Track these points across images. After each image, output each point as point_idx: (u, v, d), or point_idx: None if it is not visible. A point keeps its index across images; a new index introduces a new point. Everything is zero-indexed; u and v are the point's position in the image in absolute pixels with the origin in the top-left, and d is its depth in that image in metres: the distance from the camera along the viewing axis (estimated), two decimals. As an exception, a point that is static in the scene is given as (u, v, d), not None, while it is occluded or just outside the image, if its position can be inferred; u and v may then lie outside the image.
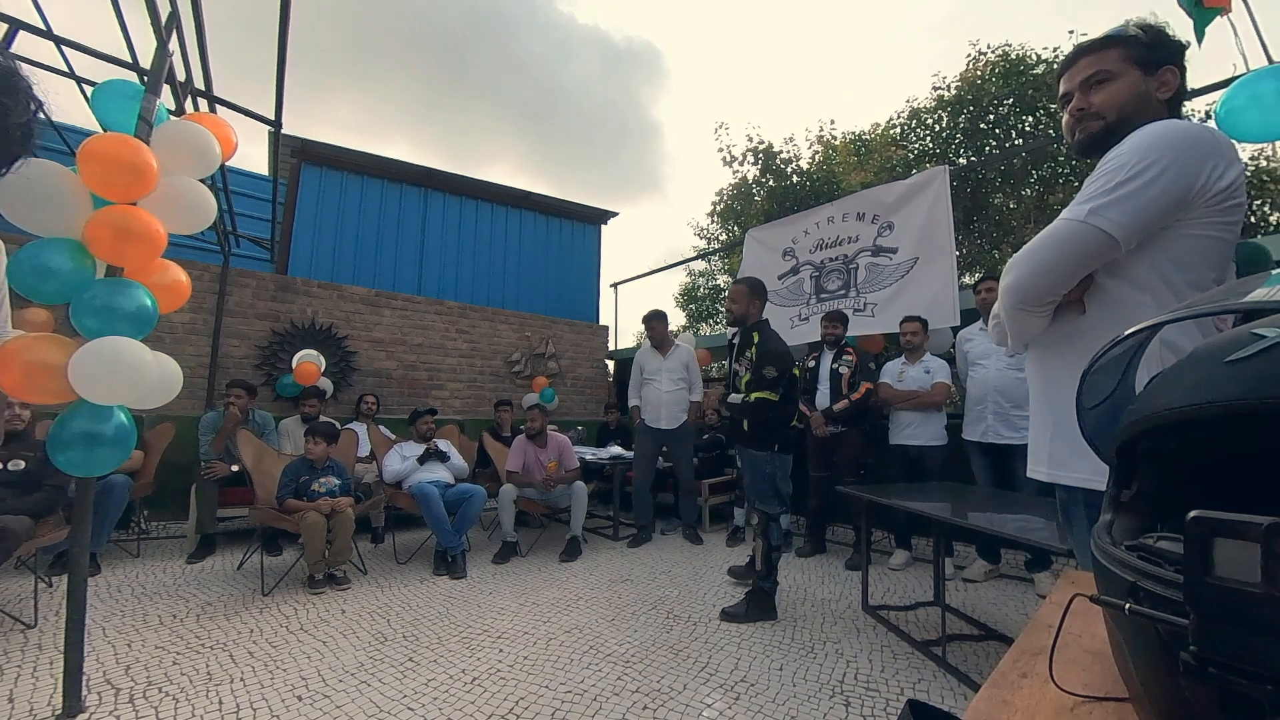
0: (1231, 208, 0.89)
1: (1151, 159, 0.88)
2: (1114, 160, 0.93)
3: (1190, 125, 0.92)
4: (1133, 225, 0.89)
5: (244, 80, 4.10)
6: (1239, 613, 0.29)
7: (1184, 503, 0.34)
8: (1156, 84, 0.98)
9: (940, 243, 3.89)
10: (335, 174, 5.97)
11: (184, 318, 4.36)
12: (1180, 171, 0.87)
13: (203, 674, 1.97)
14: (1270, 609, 0.28)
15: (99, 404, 1.67)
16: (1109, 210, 0.90)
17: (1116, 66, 1.00)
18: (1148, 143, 0.90)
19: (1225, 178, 0.87)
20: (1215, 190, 0.87)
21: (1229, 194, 0.88)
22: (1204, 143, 0.89)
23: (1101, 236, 0.90)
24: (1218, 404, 0.37)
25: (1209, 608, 0.30)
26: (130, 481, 3.19)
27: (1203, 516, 0.31)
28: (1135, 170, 0.89)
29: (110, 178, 1.70)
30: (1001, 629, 2.37)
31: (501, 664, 2.10)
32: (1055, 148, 8.98)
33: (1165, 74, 0.98)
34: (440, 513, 3.30)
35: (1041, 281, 0.98)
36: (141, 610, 2.55)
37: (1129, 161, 0.90)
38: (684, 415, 4.16)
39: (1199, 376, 0.40)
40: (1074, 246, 0.93)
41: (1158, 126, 0.92)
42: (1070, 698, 0.48)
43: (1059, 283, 0.97)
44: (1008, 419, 3.01)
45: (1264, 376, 0.35)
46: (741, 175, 12.49)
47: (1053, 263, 0.96)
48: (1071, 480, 0.99)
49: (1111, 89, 1.00)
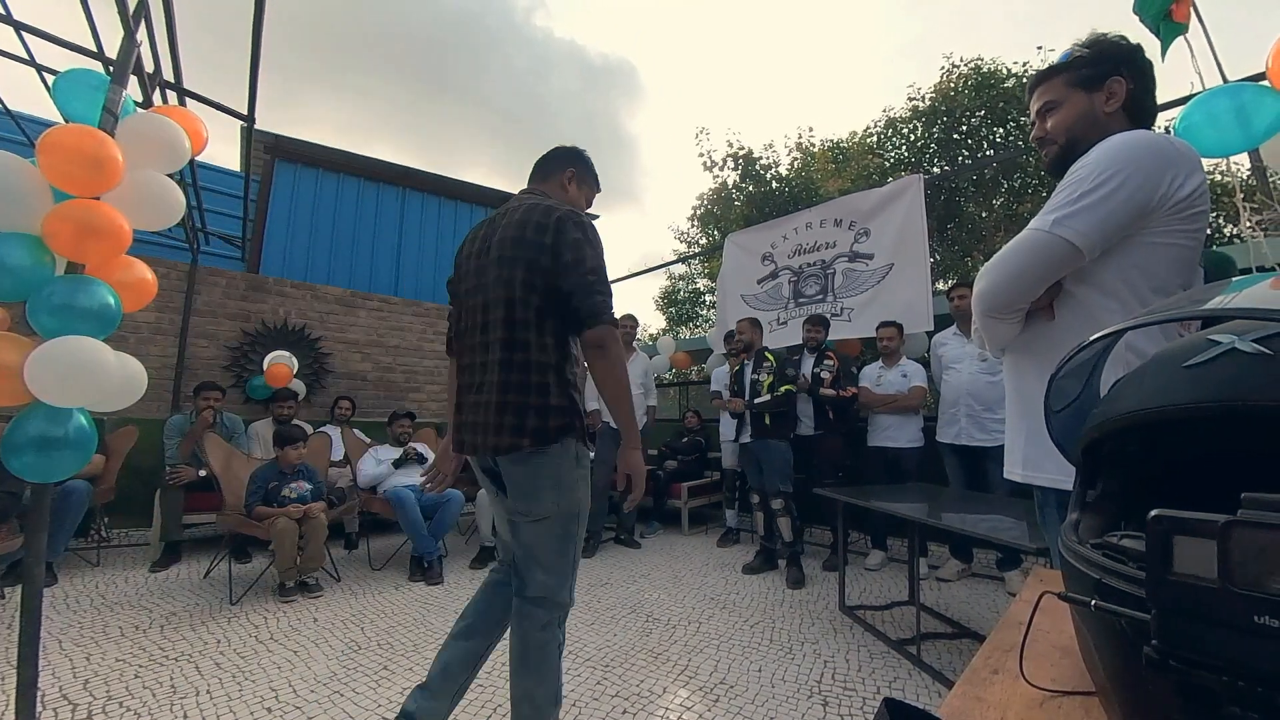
0: (1193, 216, 0.91)
1: (1113, 170, 0.91)
2: (1079, 172, 0.96)
3: (1152, 136, 0.94)
4: (1095, 235, 0.92)
5: (217, 79, 4.00)
6: (1197, 607, 0.30)
7: (1146, 502, 0.35)
8: (1104, 98, 1.02)
9: (915, 249, 3.97)
10: (310, 171, 5.85)
11: (149, 317, 4.21)
12: (1141, 182, 0.90)
13: (166, 687, 1.90)
14: (1226, 603, 0.29)
15: (56, 406, 1.60)
16: (1073, 220, 0.93)
17: (1060, 94, 1.06)
18: (1110, 154, 0.93)
19: (1185, 187, 0.90)
20: (1176, 199, 0.90)
21: (1190, 203, 0.90)
22: (1164, 154, 0.91)
23: (1066, 246, 0.94)
24: (1176, 407, 0.39)
25: (1169, 603, 0.31)
26: (90, 487, 3.07)
27: (1163, 515, 0.32)
28: (1098, 181, 0.92)
29: (71, 170, 1.64)
30: (974, 627, 2.42)
31: (479, 670, 2.06)
32: (1025, 159, 9.26)
33: (1111, 85, 1.01)
34: (416, 517, 3.25)
35: (1009, 289, 1.01)
36: (101, 621, 2.45)
37: (1092, 173, 0.93)
38: (644, 418, 4.18)
39: (1159, 381, 0.42)
40: (1040, 255, 0.96)
41: (1120, 138, 0.95)
42: (1040, 693, 0.49)
43: (1026, 291, 1.00)
44: (980, 421, 3.09)
45: (1219, 381, 0.37)
46: (721, 180, 12.61)
47: (1020, 271, 0.99)
48: (1043, 481, 1.02)
49: (1059, 115, 1.06)
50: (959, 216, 10.48)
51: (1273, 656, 0.28)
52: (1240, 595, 0.28)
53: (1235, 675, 0.29)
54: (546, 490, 1.28)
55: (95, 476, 3.26)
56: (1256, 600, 0.28)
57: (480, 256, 1.38)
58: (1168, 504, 0.32)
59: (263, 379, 4.34)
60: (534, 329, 1.29)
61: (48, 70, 2.78)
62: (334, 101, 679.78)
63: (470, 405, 1.35)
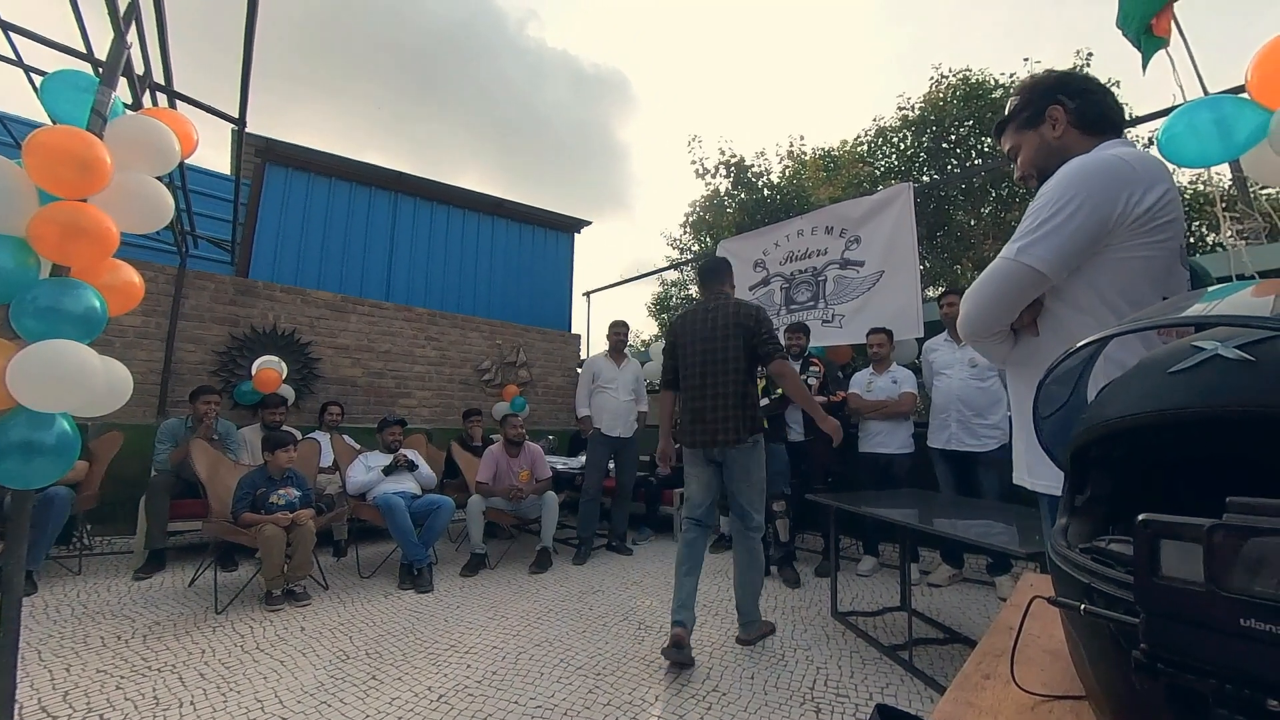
0: (1159, 227, 0.94)
1: (1069, 196, 0.96)
2: (1039, 200, 1.02)
3: (1104, 158, 0.98)
4: (1056, 259, 0.97)
5: (209, 83, 3.98)
6: (1185, 611, 0.30)
7: (1134, 506, 0.35)
8: (1049, 127, 1.10)
9: (905, 257, 4.01)
10: (301, 175, 5.81)
11: (136, 321, 4.16)
12: (1095, 205, 0.94)
13: (149, 699, 1.86)
14: (1213, 606, 0.29)
15: (39, 411, 1.57)
16: (1034, 248, 0.99)
17: (1014, 140, 1.17)
18: (1064, 182, 0.98)
19: (1144, 202, 0.93)
20: (1135, 215, 0.93)
21: (1151, 216, 0.93)
22: (1117, 174, 0.95)
23: (1030, 272, 0.99)
24: (1161, 412, 0.40)
25: (1157, 607, 0.32)
26: (72, 494, 3.01)
27: (1150, 519, 0.32)
28: (1055, 209, 0.97)
29: (58, 172, 1.62)
30: (966, 632, 2.43)
31: (469, 680, 2.04)
32: (1012, 169, 9.38)
33: (1051, 114, 1.09)
34: (406, 524, 3.21)
35: (985, 315, 1.08)
36: (82, 631, 2.40)
37: (1050, 201, 0.99)
38: (635, 424, 4.17)
39: (1145, 386, 0.42)
40: (1009, 283, 1.03)
41: (1072, 165, 1.00)
42: (1031, 697, 0.49)
43: (1001, 315, 1.07)
44: (970, 427, 3.11)
45: (1203, 386, 0.38)
46: (714, 187, 12.67)
47: (992, 299, 1.06)
48: (1041, 487, 1.06)
49: (1022, 156, 1.16)
50: (948, 224, 10.60)
51: (1259, 659, 0.28)
52: (1226, 598, 0.29)
53: (1223, 678, 0.29)
54: (755, 465, 2.33)
55: (78, 483, 3.20)
56: (1242, 603, 0.28)
57: (709, 328, 2.40)
58: (1155, 508, 0.33)
59: (251, 384, 4.29)
60: (745, 373, 2.34)
61: (36, 71, 2.75)
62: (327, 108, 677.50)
63: (708, 419, 2.34)
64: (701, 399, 2.36)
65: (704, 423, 2.35)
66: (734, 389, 2.31)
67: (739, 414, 2.30)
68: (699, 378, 2.39)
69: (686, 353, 2.45)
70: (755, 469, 2.33)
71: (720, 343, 2.37)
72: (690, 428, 2.40)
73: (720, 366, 2.35)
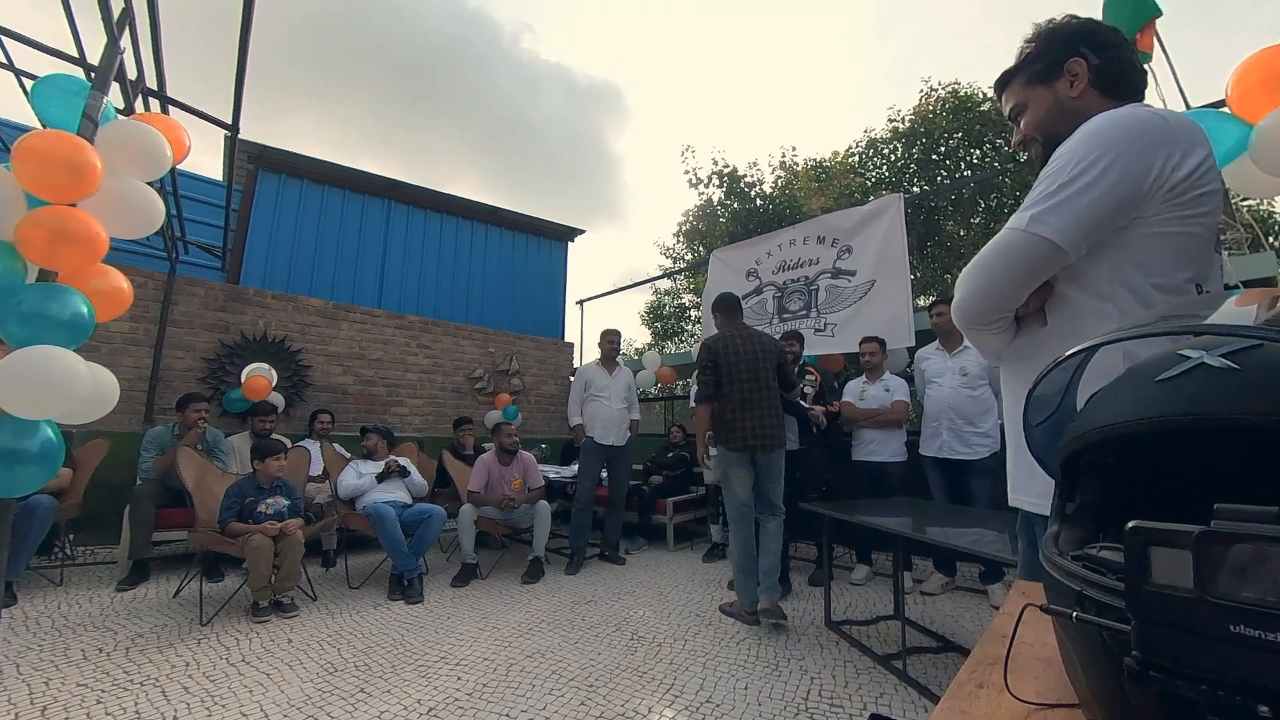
0: (1196, 199, 0.79)
1: (1094, 156, 0.80)
2: (1056, 161, 0.85)
3: (1137, 113, 0.83)
4: (1077, 231, 0.81)
5: (203, 88, 3.97)
6: (1176, 617, 0.31)
7: (1125, 514, 0.36)
8: (1066, 84, 0.93)
9: (896, 266, 4.05)
10: (294, 182, 5.80)
11: (123, 327, 4.11)
12: (1126, 166, 0.79)
13: (130, 713, 1.82)
14: (1203, 613, 0.29)
15: (23, 418, 1.55)
16: (1050, 216, 0.82)
17: (1022, 95, 0.99)
18: (1090, 138, 0.82)
19: (1184, 166, 0.78)
20: (1173, 182, 0.78)
21: (1192, 184, 0.79)
22: (1154, 131, 0.80)
23: (1045, 245, 0.82)
24: (1150, 419, 0.40)
25: (1148, 614, 0.32)
26: (55, 502, 2.95)
27: (1140, 526, 0.32)
28: (1077, 170, 0.81)
29: (47, 176, 1.61)
30: (959, 640, 2.43)
31: (460, 692, 2.02)
32: (1001, 179, 9.54)
33: (1070, 68, 0.93)
34: (396, 534, 3.18)
35: (987, 298, 0.90)
36: (63, 644, 2.34)
37: (1070, 161, 0.83)
38: (628, 433, 4.16)
39: (1133, 394, 0.43)
40: (1017, 258, 0.86)
41: (1101, 119, 0.84)
42: (1024, 706, 0.49)
43: (1006, 298, 0.89)
44: (961, 435, 3.13)
45: (1189, 394, 0.38)
46: (706, 197, 12.77)
47: (997, 278, 0.88)
48: (1024, 503, 0.96)
49: (1029, 116, 0.99)
50: (938, 235, 10.73)
51: (1249, 664, 0.28)
52: (1216, 605, 0.29)
53: (1214, 685, 0.29)
54: (782, 465, 2.87)
55: (61, 491, 3.14)
56: (1232, 609, 0.28)
57: (751, 352, 2.86)
58: (1146, 515, 0.33)
59: (240, 391, 4.25)
60: (776, 391, 2.88)
61: (27, 75, 2.73)
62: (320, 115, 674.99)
63: (758, 427, 2.75)
64: (752, 411, 2.77)
65: (755, 430, 2.75)
66: (776, 403, 2.83)
67: (780, 424, 2.83)
68: (749, 393, 2.79)
69: (734, 372, 2.83)
70: (782, 469, 2.87)
71: (763, 364, 2.85)
72: (741, 433, 2.76)
73: (766, 384, 2.82)
